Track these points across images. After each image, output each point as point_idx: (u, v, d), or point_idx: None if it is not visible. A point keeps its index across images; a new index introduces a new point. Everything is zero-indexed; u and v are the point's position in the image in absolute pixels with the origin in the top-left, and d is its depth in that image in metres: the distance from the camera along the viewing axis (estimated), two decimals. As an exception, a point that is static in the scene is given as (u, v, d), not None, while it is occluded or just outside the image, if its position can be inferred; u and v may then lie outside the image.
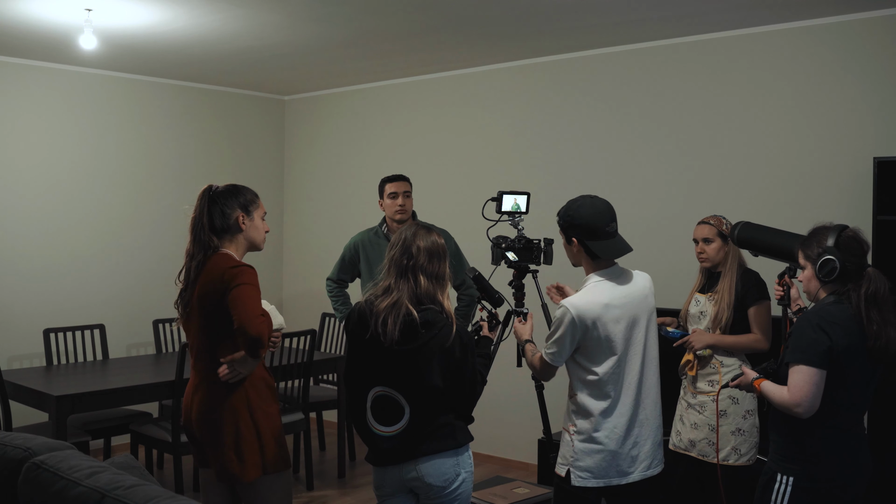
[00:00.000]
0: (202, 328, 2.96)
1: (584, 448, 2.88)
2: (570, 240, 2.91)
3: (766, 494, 2.67)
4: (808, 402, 2.50)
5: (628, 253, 2.91)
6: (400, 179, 4.44)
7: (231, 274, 2.86)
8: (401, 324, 2.65)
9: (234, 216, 2.99)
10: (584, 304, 2.83)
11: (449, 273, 2.79)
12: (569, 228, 2.90)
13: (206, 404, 2.95)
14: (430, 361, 2.67)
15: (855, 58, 4.32)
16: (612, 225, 2.89)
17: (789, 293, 3.17)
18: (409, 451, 2.71)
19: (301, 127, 7.02)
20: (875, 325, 2.53)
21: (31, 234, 5.65)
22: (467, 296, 4.48)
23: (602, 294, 2.86)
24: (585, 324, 2.80)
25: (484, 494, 3.89)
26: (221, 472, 2.94)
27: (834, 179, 4.38)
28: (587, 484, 2.87)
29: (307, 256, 6.95)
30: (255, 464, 2.93)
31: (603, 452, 2.86)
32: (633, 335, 2.89)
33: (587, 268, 2.94)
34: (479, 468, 5.52)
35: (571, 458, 2.90)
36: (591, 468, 2.86)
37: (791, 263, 3.09)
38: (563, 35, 4.86)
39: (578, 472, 2.88)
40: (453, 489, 2.73)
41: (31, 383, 4.48)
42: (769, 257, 3.24)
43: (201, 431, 2.97)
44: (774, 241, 3.14)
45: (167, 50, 5.28)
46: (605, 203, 2.91)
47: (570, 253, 2.97)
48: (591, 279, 2.91)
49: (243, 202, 3.02)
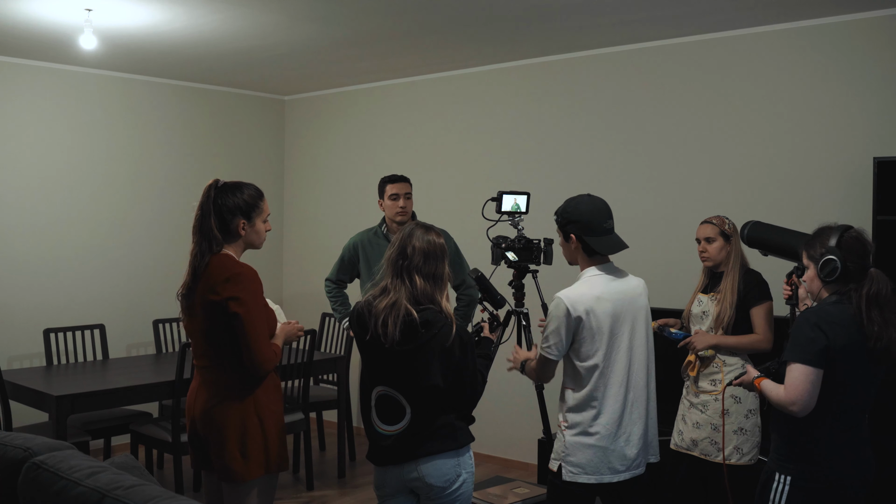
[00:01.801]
0: (204, 332, 2.94)
1: (574, 442, 2.89)
2: (568, 236, 2.93)
3: (764, 493, 2.67)
4: (804, 400, 2.50)
5: (624, 249, 2.94)
6: (401, 181, 4.43)
7: (229, 283, 2.84)
8: (401, 324, 2.65)
9: (236, 222, 2.95)
10: (578, 295, 2.86)
11: (448, 273, 2.79)
12: (567, 224, 2.92)
13: (209, 402, 2.93)
14: (431, 362, 2.68)
15: (855, 58, 4.32)
16: (609, 222, 2.94)
17: (797, 293, 3.17)
18: (410, 450, 2.71)
19: (301, 127, 7.02)
20: (876, 326, 2.53)
21: (31, 233, 5.64)
22: (466, 296, 4.48)
23: (595, 287, 2.89)
24: (579, 314, 2.82)
25: (484, 494, 3.89)
26: (223, 471, 2.91)
27: (834, 179, 4.38)
28: (578, 479, 2.88)
29: (307, 256, 6.95)
30: (259, 462, 2.91)
31: (594, 448, 2.87)
32: (622, 330, 2.90)
33: (583, 264, 2.96)
34: (479, 468, 5.52)
35: (563, 452, 2.91)
36: (583, 463, 2.88)
37: (799, 263, 3.09)
38: (563, 35, 4.86)
39: (570, 467, 2.89)
40: (454, 489, 2.73)
41: (31, 383, 4.48)
42: (778, 256, 3.24)
43: (205, 429, 2.94)
44: (784, 240, 3.14)
45: (167, 50, 5.28)
46: (603, 201, 2.96)
47: (566, 250, 3.00)
48: (586, 273, 2.94)
49: (246, 209, 2.95)
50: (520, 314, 3.66)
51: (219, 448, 2.91)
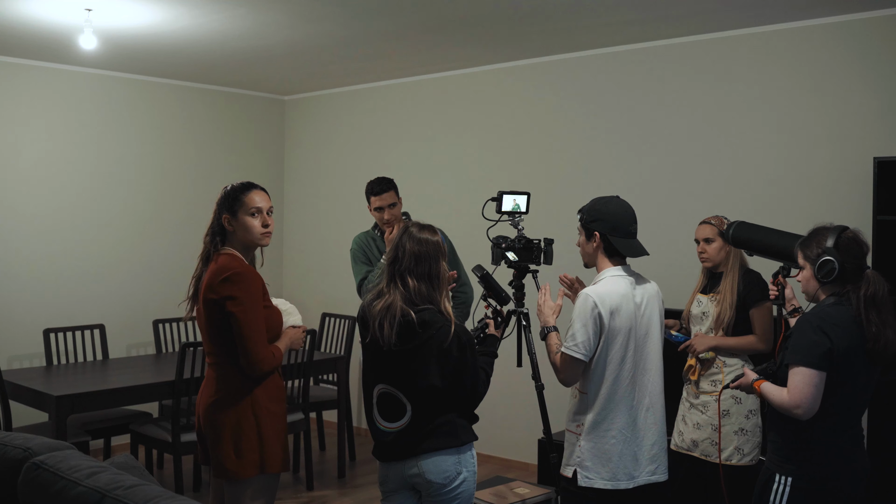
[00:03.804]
0: (207, 330, 2.98)
1: (591, 447, 2.87)
2: (592, 234, 2.92)
3: (764, 495, 2.66)
4: (808, 403, 2.50)
5: (644, 256, 2.93)
6: (383, 191, 4.27)
7: (227, 283, 2.86)
8: (397, 325, 2.67)
9: (222, 218, 2.98)
10: (605, 291, 2.84)
11: (446, 270, 2.79)
12: (592, 222, 2.91)
13: (211, 399, 2.95)
14: (429, 362, 2.68)
15: (855, 58, 4.32)
16: (634, 226, 2.96)
17: (784, 293, 3.17)
18: (411, 447, 2.72)
19: (301, 127, 7.02)
20: (874, 327, 2.53)
21: (31, 234, 5.64)
22: (462, 293, 4.47)
23: (620, 286, 2.88)
24: (608, 310, 2.81)
25: (484, 494, 3.88)
26: (217, 467, 2.93)
27: (834, 179, 4.38)
28: (594, 484, 2.86)
29: (307, 256, 6.95)
30: (252, 462, 2.91)
31: (611, 453, 2.85)
32: (641, 333, 2.89)
33: (602, 264, 2.95)
34: (480, 468, 5.51)
35: (578, 458, 2.89)
36: (599, 469, 2.85)
37: (785, 263, 3.10)
38: (563, 35, 4.86)
39: (585, 473, 2.86)
40: (454, 487, 2.73)
41: (31, 383, 4.48)
42: (764, 256, 3.25)
43: (205, 426, 2.96)
44: (769, 240, 3.15)
45: (167, 50, 5.28)
46: (630, 206, 2.99)
47: (587, 249, 2.97)
48: (608, 273, 2.92)
49: (225, 203, 2.98)
50: (520, 314, 3.66)
51: (214, 445, 2.93)
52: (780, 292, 3.17)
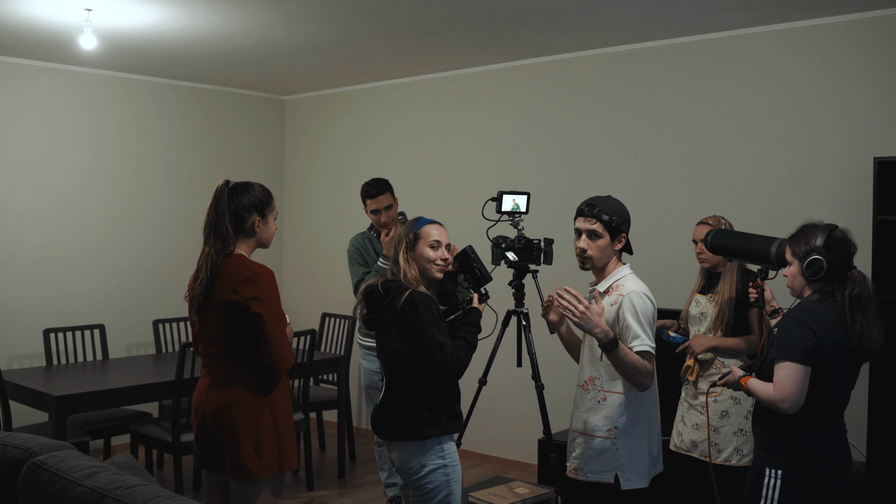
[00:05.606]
0: (222, 332, 2.91)
1: (633, 449, 2.91)
2: (619, 234, 2.95)
3: (755, 490, 2.68)
4: (794, 397, 2.54)
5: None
6: (379, 194, 4.35)
7: (250, 283, 2.84)
8: (365, 296, 2.92)
9: (251, 220, 2.95)
10: (644, 287, 2.93)
11: (406, 232, 2.93)
12: (623, 223, 2.96)
13: (223, 402, 2.90)
14: (390, 328, 2.84)
15: (855, 58, 4.32)
16: None
17: (763, 295, 3.21)
18: (384, 431, 2.90)
19: (301, 127, 7.02)
20: (859, 326, 2.58)
21: (31, 233, 5.65)
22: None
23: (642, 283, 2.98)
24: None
25: (484, 494, 3.88)
26: (238, 469, 2.88)
27: (834, 179, 4.38)
28: (637, 485, 2.91)
29: (307, 256, 6.95)
30: (273, 461, 2.90)
31: (644, 452, 2.93)
32: None
33: (614, 264, 3.01)
34: (480, 468, 5.52)
35: (618, 461, 2.91)
36: (638, 469, 2.92)
37: (763, 266, 3.14)
38: (562, 35, 4.86)
39: (628, 475, 2.91)
40: (421, 477, 2.82)
41: (31, 383, 4.48)
42: (742, 260, 3.34)
43: (218, 429, 2.92)
44: (746, 244, 3.21)
45: (167, 50, 5.28)
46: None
47: (608, 249, 2.95)
48: (625, 270, 2.99)
49: (259, 206, 2.97)
50: (520, 314, 3.66)
51: (233, 447, 2.88)
52: (760, 295, 3.21)
